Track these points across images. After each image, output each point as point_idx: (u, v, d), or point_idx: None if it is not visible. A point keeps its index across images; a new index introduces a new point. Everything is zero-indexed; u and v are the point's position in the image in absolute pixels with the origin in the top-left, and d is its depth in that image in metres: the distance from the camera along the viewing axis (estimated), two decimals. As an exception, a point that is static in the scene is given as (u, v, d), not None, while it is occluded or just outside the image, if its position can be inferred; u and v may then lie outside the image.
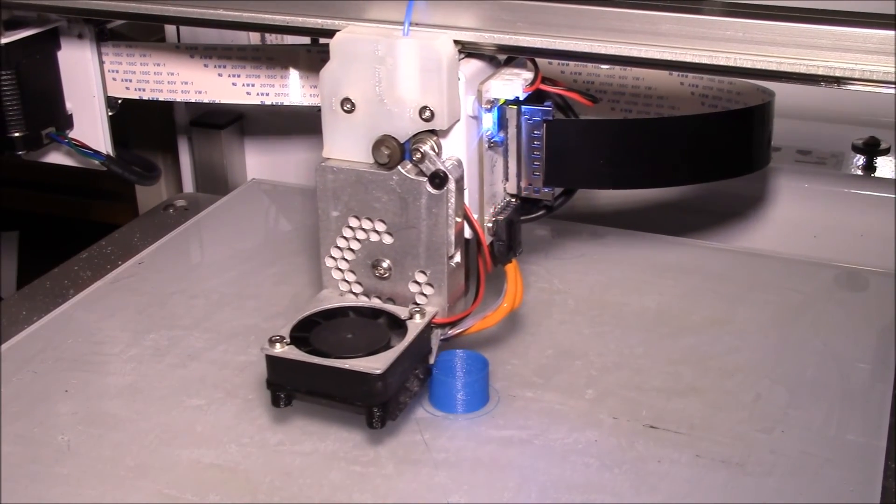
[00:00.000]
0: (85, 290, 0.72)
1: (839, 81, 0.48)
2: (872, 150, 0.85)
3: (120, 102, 0.74)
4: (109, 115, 0.74)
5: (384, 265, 0.56)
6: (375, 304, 0.57)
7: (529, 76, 0.55)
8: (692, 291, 0.72)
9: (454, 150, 0.54)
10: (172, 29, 0.91)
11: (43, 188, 1.49)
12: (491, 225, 0.56)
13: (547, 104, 0.55)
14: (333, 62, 0.54)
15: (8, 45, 0.68)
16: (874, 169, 0.84)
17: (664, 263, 0.75)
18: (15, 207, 1.49)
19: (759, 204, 0.83)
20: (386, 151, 0.53)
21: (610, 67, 0.68)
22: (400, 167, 0.54)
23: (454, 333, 0.57)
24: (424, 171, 0.53)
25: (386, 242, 0.56)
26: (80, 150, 0.74)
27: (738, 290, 0.72)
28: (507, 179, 0.57)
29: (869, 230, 0.80)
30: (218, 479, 0.54)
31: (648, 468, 0.55)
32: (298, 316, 0.56)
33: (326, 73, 0.54)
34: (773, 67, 0.49)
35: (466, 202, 0.55)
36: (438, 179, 0.53)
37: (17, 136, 0.71)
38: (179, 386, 0.62)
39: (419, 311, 0.55)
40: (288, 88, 0.73)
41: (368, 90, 0.53)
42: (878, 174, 0.84)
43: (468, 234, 0.56)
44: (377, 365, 0.51)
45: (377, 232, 0.56)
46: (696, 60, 0.50)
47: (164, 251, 0.78)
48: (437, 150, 0.54)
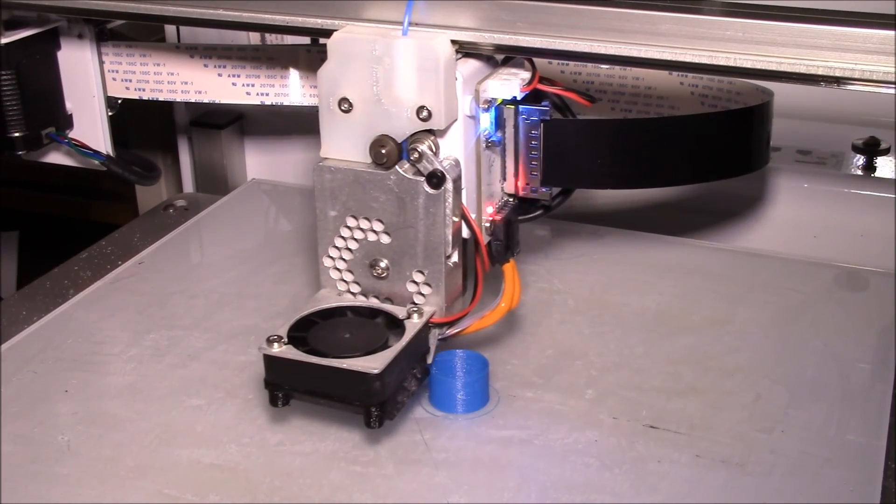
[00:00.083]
0: (85, 290, 0.72)
1: (839, 81, 0.48)
2: (872, 150, 0.85)
3: (120, 102, 0.74)
4: (109, 115, 0.74)
5: (382, 265, 0.56)
6: (373, 303, 0.57)
7: (527, 76, 0.55)
8: (692, 291, 0.72)
9: (452, 149, 0.54)
10: (172, 29, 0.91)
11: (43, 188, 1.49)
12: (489, 225, 0.56)
13: (545, 104, 0.55)
14: (331, 62, 0.54)
15: (8, 45, 0.68)
16: (874, 169, 0.84)
17: (664, 263, 0.75)
18: (15, 207, 1.49)
19: (758, 204, 0.83)
20: (383, 151, 0.53)
21: (610, 67, 0.68)
22: (397, 167, 0.54)
23: (452, 333, 0.57)
24: (422, 170, 0.53)
25: (384, 242, 0.56)
26: (80, 150, 0.74)
27: (738, 290, 0.72)
28: (504, 179, 0.57)
29: (869, 230, 0.80)
30: (218, 479, 0.54)
31: (648, 468, 0.55)
32: (296, 315, 0.56)
33: (324, 72, 0.54)
34: (773, 67, 0.49)
35: (464, 202, 0.55)
36: (436, 179, 0.53)
37: (17, 136, 0.71)
38: (179, 386, 0.62)
39: (417, 310, 0.55)
40: (288, 88, 0.73)
41: (366, 90, 0.53)
42: (878, 174, 0.84)
43: (466, 233, 0.56)
44: (375, 365, 0.51)
45: (375, 232, 0.56)
46: (695, 60, 0.50)
47: (164, 251, 0.78)
48: (434, 149, 0.54)
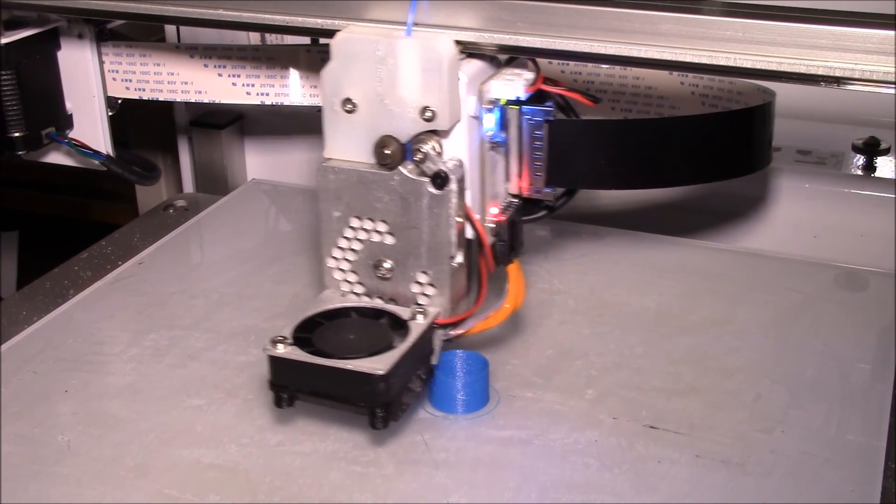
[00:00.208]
0: (85, 290, 0.72)
1: (839, 81, 0.48)
2: (872, 150, 0.85)
3: (120, 102, 0.74)
4: (109, 115, 0.74)
5: (386, 266, 0.56)
6: (377, 304, 0.57)
7: (531, 76, 0.55)
8: (692, 291, 0.72)
9: (455, 150, 0.54)
10: (172, 29, 0.91)
11: (43, 188, 1.49)
12: (493, 225, 0.56)
13: (548, 104, 0.54)
14: (334, 62, 0.54)
15: (8, 45, 0.68)
16: (874, 169, 0.84)
17: (664, 263, 0.75)
18: (15, 207, 1.49)
19: (759, 204, 0.83)
20: (387, 152, 0.53)
21: (610, 67, 0.68)
22: (401, 167, 0.54)
23: (457, 334, 0.57)
24: (426, 171, 0.53)
25: (388, 243, 0.55)
26: (80, 150, 0.74)
27: (738, 290, 0.71)
28: (508, 180, 0.56)
29: (869, 230, 0.80)
30: (218, 479, 0.54)
31: (648, 468, 0.55)
32: (301, 316, 0.56)
33: (327, 73, 0.54)
34: (773, 67, 0.49)
35: (468, 202, 0.55)
36: (440, 180, 0.53)
37: (17, 136, 0.71)
38: (179, 386, 0.61)
39: (421, 311, 0.55)
40: (288, 88, 0.73)
41: (369, 90, 0.53)
42: (878, 174, 0.84)
43: (470, 234, 0.56)
44: (380, 366, 0.51)
45: (379, 232, 0.55)
46: (696, 60, 0.50)
47: (164, 251, 0.78)
48: (438, 150, 0.54)
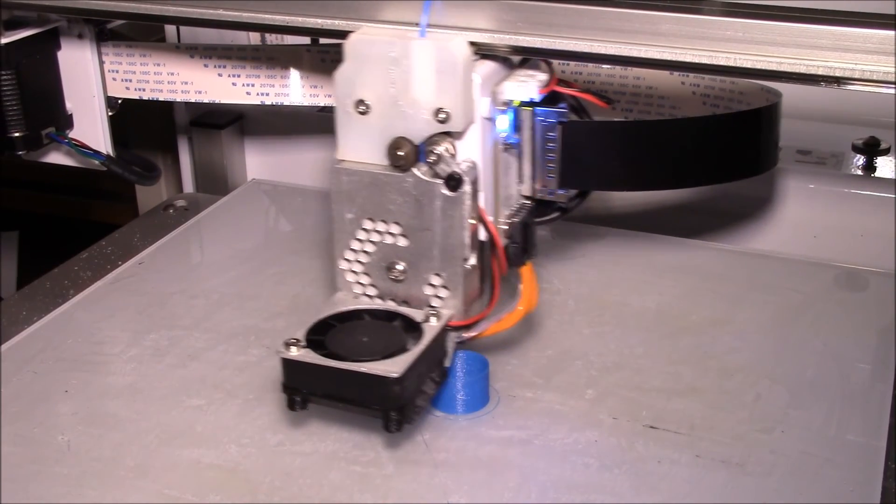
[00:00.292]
0: (85, 290, 0.72)
1: (839, 81, 0.48)
2: (872, 150, 0.85)
3: (120, 102, 0.74)
4: (109, 115, 0.74)
5: (399, 268, 0.55)
6: (390, 306, 0.56)
7: (544, 78, 0.54)
8: (692, 291, 0.72)
9: (469, 152, 0.54)
10: (172, 29, 0.91)
11: (43, 188, 1.49)
12: (506, 227, 0.56)
13: (562, 106, 0.54)
14: (347, 63, 0.53)
15: (8, 45, 0.68)
16: (874, 169, 0.84)
17: (664, 263, 0.75)
18: (15, 207, 1.49)
19: (759, 204, 0.83)
20: (401, 153, 0.53)
21: (610, 68, 0.68)
22: (415, 169, 0.53)
23: (470, 336, 0.57)
24: (440, 173, 0.53)
25: (401, 245, 0.55)
26: (80, 150, 0.74)
27: (738, 290, 0.72)
28: (521, 181, 0.56)
29: (869, 230, 0.80)
30: (218, 479, 0.54)
31: (648, 468, 0.55)
32: (313, 319, 0.55)
33: (340, 74, 0.53)
34: (773, 67, 0.49)
35: (481, 204, 0.54)
36: (454, 181, 0.53)
37: (17, 136, 0.71)
38: (179, 386, 0.61)
39: (435, 313, 0.55)
40: (288, 88, 0.73)
41: (383, 92, 0.53)
42: (878, 174, 0.84)
43: (483, 236, 0.55)
44: (394, 368, 0.51)
45: (392, 234, 0.55)
46: (696, 60, 0.50)
47: (164, 251, 0.78)
48: (452, 152, 0.53)
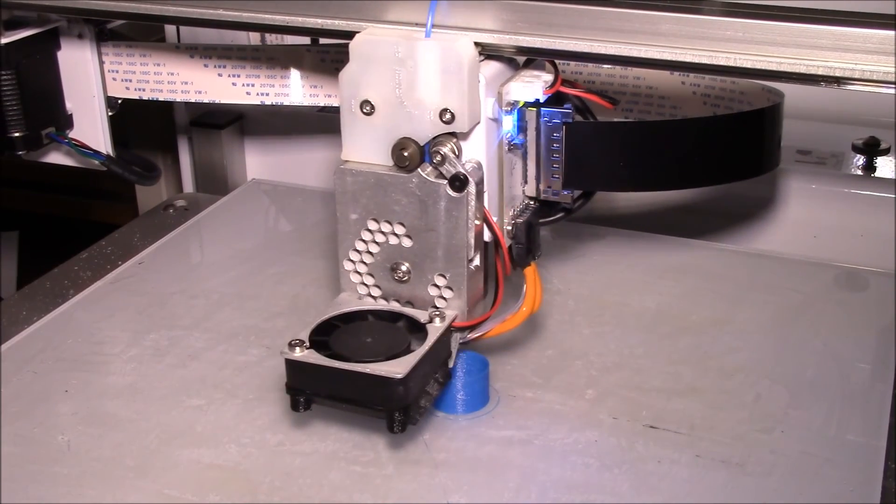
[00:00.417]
0: (85, 290, 0.72)
1: (839, 81, 0.48)
2: (872, 150, 0.85)
3: (120, 102, 0.74)
4: (109, 115, 0.74)
5: (403, 268, 0.55)
6: (394, 307, 0.56)
7: (549, 78, 0.54)
8: (692, 291, 0.72)
9: (474, 152, 0.54)
10: (172, 29, 0.91)
11: (43, 188, 1.49)
12: (510, 228, 0.56)
13: (567, 106, 0.54)
14: (353, 64, 0.53)
15: (8, 45, 0.68)
16: (874, 169, 0.84)
17: (664, 263, 0.75)
18: (15, 207, 1.48)
19: (759, 204, 0.83)
20: (406, 154, 0.53)
21: (610, 68, 0.68)
22: (420, 170, 0.53)
23: (474, 337, 0.57)
24: (444, 173, 0.53)
25: (405, 245, 0.55)
26: (80, 150, 0.74)
27: (738, 290, 0.72)
28: (526, 182, 0.56)
29: (869, 230, 0.80)
30: (218, 479, 0.54)
31: (648, 468, 0.55)
32: (317, 319, 0.55)
33: (346, 74, 0.53)
34: (773, 67, 0.49)
35: (486, 205, 0.54)
36: (458, 182, 0.53)
37: (17, 136, 0.71)
38: (179, 386, 0.61)
39: (439, 314, 0.55)
40: (288, 88, 0.73)
41: (388, 92, 0.53)
42: (878, 174, 0.84)
43: (487, 236, 0.55)
44: (398, 369, 0.51)
45: (396, 235, 0.55)
46: (696, 60, 0.50)
47: (164, 251, 0.78)
48: (457, 152, 0.53)
